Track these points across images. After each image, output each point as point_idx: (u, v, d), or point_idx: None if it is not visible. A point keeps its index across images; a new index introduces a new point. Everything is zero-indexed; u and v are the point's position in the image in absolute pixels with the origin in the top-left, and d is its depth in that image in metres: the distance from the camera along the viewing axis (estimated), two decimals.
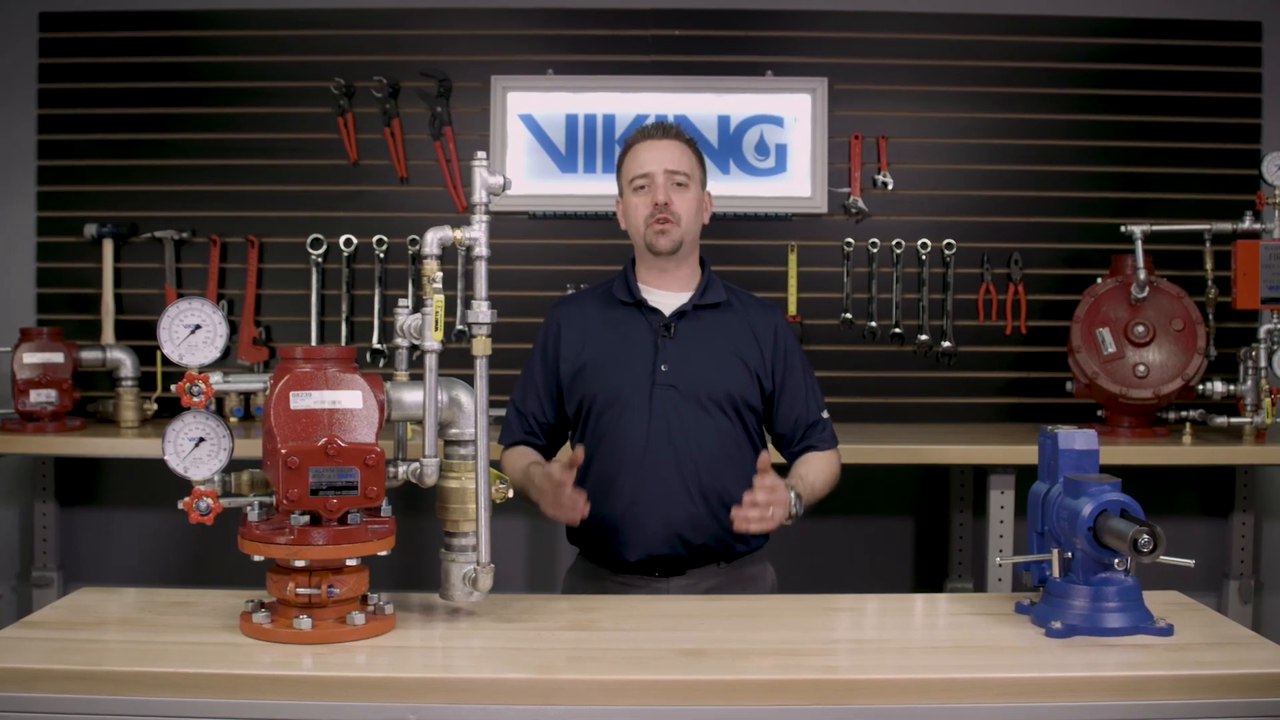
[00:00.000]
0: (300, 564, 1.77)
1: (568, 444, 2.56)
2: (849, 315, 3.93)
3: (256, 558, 1.80)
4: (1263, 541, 4.00)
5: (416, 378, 1.91)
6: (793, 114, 3.92)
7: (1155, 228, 3.57)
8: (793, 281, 3.93)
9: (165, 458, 1.82)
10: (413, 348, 1.94)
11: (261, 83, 3.93)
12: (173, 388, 1.84)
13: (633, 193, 2.46)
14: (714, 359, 2.43)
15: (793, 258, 3.93)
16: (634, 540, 2.37)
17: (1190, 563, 1.81)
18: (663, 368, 2.40)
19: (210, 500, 1.81)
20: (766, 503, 2.20)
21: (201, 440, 1.83)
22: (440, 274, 1.88)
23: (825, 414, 2.54)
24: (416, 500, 2.47)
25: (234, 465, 1.87)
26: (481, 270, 1.86)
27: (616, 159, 2.55)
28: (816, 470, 2.46)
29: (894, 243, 3.93)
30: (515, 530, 3.95)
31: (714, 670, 1.69)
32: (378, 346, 3.90)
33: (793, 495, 2.30)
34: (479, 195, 1.86)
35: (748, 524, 2.20)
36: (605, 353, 2.45)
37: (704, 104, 3.91)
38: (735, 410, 2.42)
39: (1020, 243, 3.95)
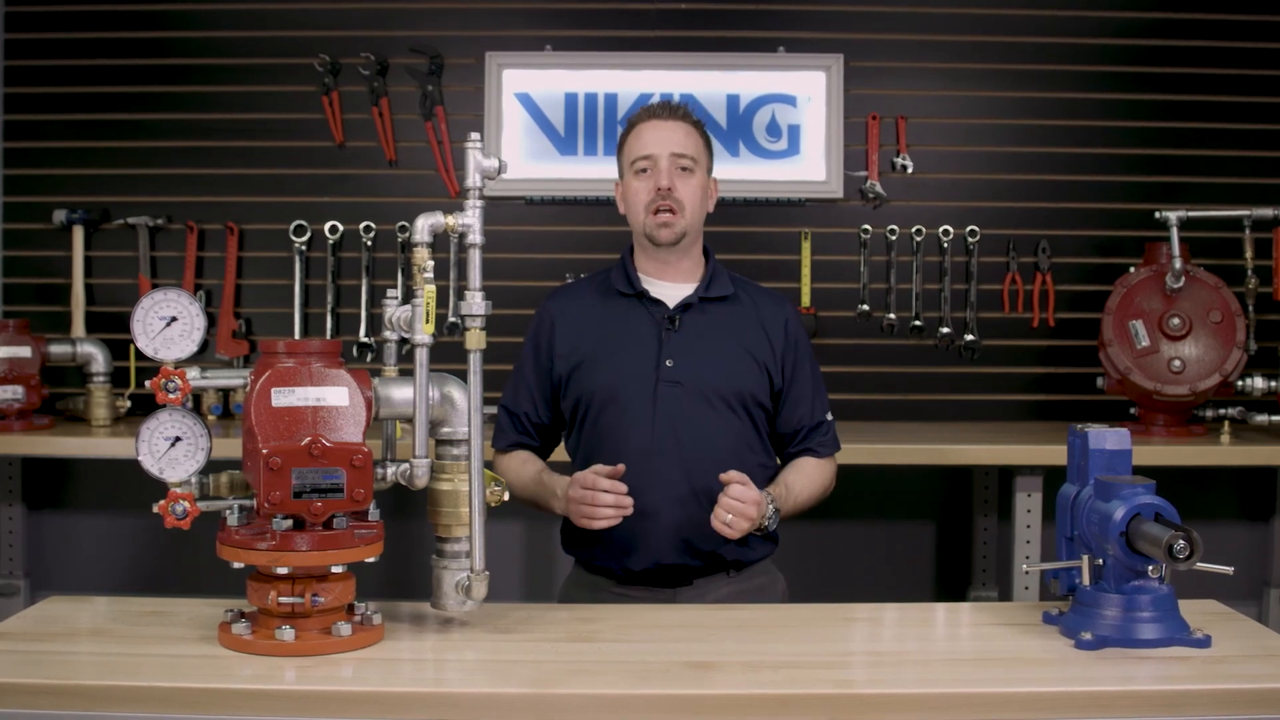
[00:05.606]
0: (283, 571, 1.77)
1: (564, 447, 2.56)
2: (866, 307, 3.93)
3: (236, 564, 1.80)
4: None
5: (406, 373, 1.91)
6: (806, 93, 3.92)
7: (1192, 214, 3.56)
8: (806, 271, 3.92)
9: (139, 458, 1.82)
10: (402, 341, 1.94)
11: (241, 59, 3.93)
12: (147, 384, 1.84)
13: (634, 175, 2.45)
14: (722, 354, 2.42)
15: (806, 245, 3.93)
16: (639, 548, 2.36)
17: (1229, 570, 1.81)
18: (667, 363, 2.39)
19: (187, 503, 1.81)
20: (731, 518, 2.22)
21: (178, 440, 1.83)
22: (431, 263, 1.88)
23: (829, 416, 2.54)
24: (406, 503, 2.47)
25: (212, 466, 1.87)
26: (475, 259, 1.86)
27: (618, 139, 2.54)
28: (806, 481, 2.45)
29: (914, 230, 3.92)
30: (511, 535, 3.96)
31: (722, 684, 1.69)
32: (365, 340, 3.90)
33: (770, 509, 2.30)
34: (472, 179, 1.86)
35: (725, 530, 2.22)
36: (604, 347, 2.44)
37: (712, 82, 3.91)
38: (745, 408, 2.42)
39: (1048, 230, 3.94)
